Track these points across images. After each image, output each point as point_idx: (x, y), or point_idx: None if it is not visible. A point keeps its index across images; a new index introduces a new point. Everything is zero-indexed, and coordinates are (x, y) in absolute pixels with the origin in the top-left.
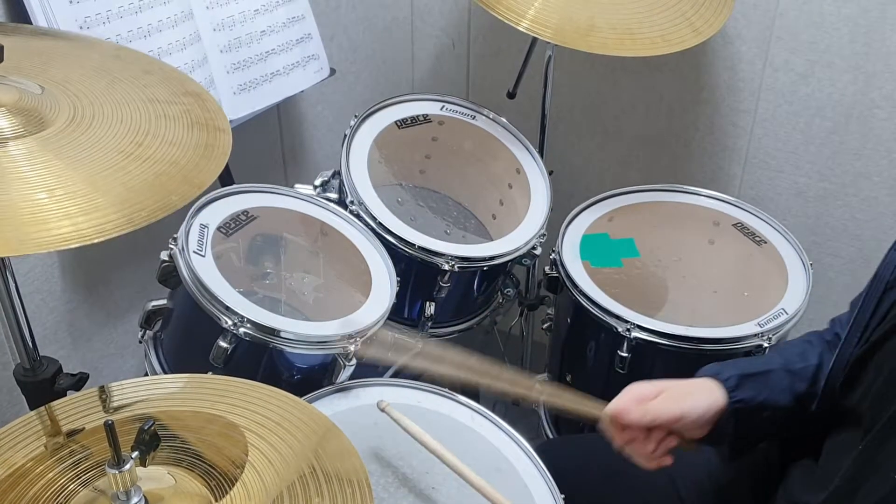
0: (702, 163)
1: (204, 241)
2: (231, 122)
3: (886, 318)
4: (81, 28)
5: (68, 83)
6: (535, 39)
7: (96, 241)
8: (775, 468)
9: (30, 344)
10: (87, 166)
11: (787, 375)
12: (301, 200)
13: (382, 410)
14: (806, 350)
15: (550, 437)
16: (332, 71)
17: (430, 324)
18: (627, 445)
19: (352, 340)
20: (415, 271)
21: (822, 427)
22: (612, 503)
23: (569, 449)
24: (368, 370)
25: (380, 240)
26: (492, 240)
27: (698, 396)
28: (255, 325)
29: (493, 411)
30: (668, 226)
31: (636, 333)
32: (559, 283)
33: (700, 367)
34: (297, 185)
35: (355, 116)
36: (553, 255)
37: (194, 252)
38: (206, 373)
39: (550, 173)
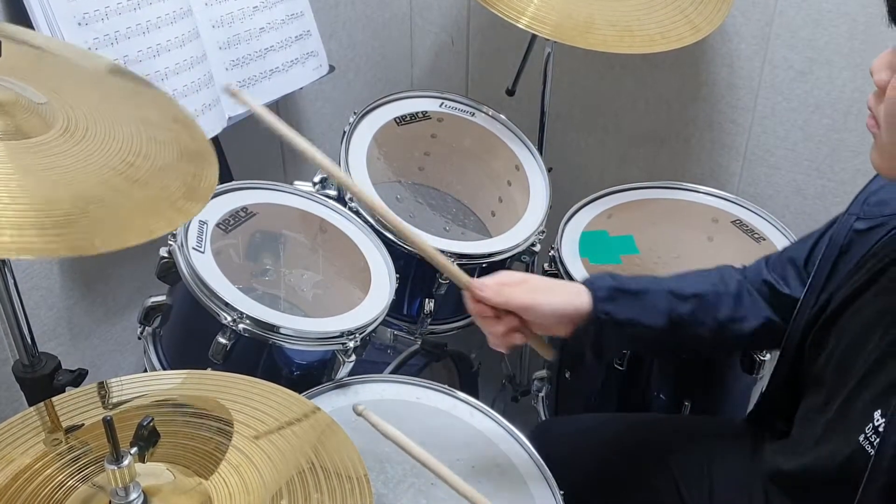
0: (700, 160)
1: (203, 237)
2: (230, 118)
3: (845, 285)
4: (80, 25)
5: (62, 92)
6: (534, 36)
7: (86, 253)
8: (762, 444)
9: (29, 340)
10: (79, 179)
11: (667, 297)
12: (300, 197)
13: (359, 415)
14: (701, 278)
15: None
16: (332, 68)
17: (429, 320)
18: (480, 318)
19: (351, 337)
20: (414, 268)
21: (794, 397)
22: (606, 484)
23: (562, 430)
24: (368, 367)
25: (379, 236)
26: (491, 237)
27: (556, 294)
28: (255, 322)
29: (491, 407)
30: (666, 223)
31: None
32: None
33: (698, 363)
34: (296, 182)
35: (354, 113)
36: (552, 252)
37: (193, 248)
38: (205, 369)
39: (549, 170)
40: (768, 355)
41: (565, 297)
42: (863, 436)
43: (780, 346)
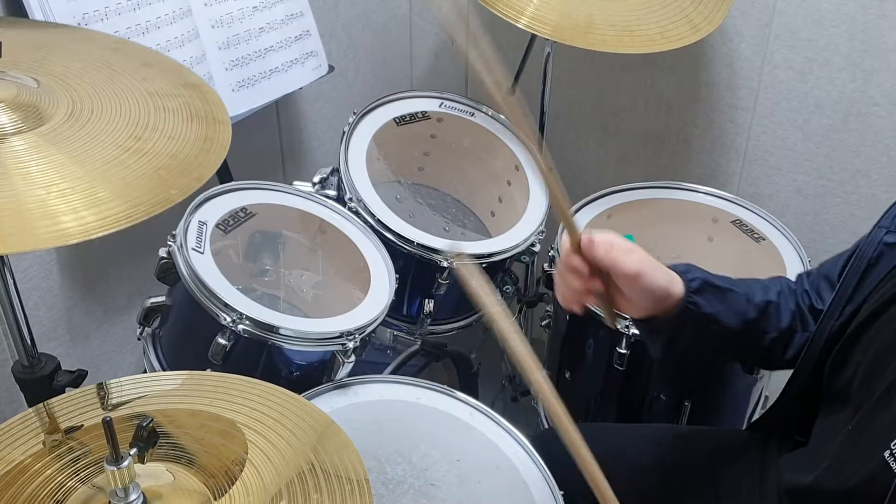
0: (700, 160)
1: (202, 237)
2: (230, 118)
3: (871, 298)
4: (80, 24)
5: (67, 77)
6: (533, 36)
7: (95, 236)
8: (769, 457)
9: (28, 341)
10: (86, 161)
11: (744, 301)
12: (300, 197)
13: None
14: (767, 286)
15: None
16: (331, 68)
17: (428, 321)
18: (569, 271)
19: (350, 337)
20: (413, 268)
21: (809, 412)
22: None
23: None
24: (367, 367)
25: (378, 237)
26: (490, 237)
27: (661, 272)
28: (254, 322)
29: (491, 408)
30: (666, 223)
31: (635, 330)
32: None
33: (698, 364)
34: (295, 182)
35: (354, 113)
36: (552, 252)
37: (193, 249)
38: (204, 370)
39: (549, 170)
40: None
41: (667, 278)
42: (888, 452)
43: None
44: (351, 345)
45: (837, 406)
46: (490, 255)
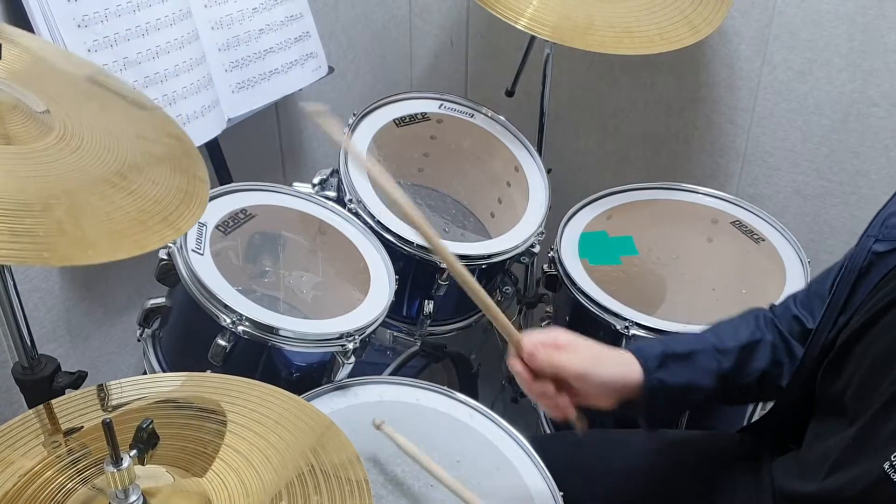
0: (700, 161)
1: (202, 239)
2: (229, 120)
3: (863, 308)
4: (80, 27)
5: (60, 99)
6: (533, 38)
7: (73, 263)
8: (760, 459)
9: (28, 342)
10: (73, 186)
11: (714, 355)
12: (299, 199)
13: (378, 428)
14: (739, 327)
15: (547, 433)
16: (331, 69)
17: (428, 322)
18: (522, 380)
19: (350, 338)
20: (413, 269)
21: (804, 415)
22: (606, 498)
23: (563, 443)
24: (367, 368)
25: (378, 238)
26: (490, 238)
27: (609, 364)
28: (254, 324)
29: (491, 409)
30: (666, 224)
31: (634, 331)
32: (558, 281)
33: None
34: (295, 184)
35: (354, 114)
36: (551, 253)
37: (193, 250)
38: (204, 371)
39: (549, 171)
40: None
41: (619, 368)
42: (888, 463)
43: None
44: (351, 346)
45: (831, 414)
46: (490, 256)
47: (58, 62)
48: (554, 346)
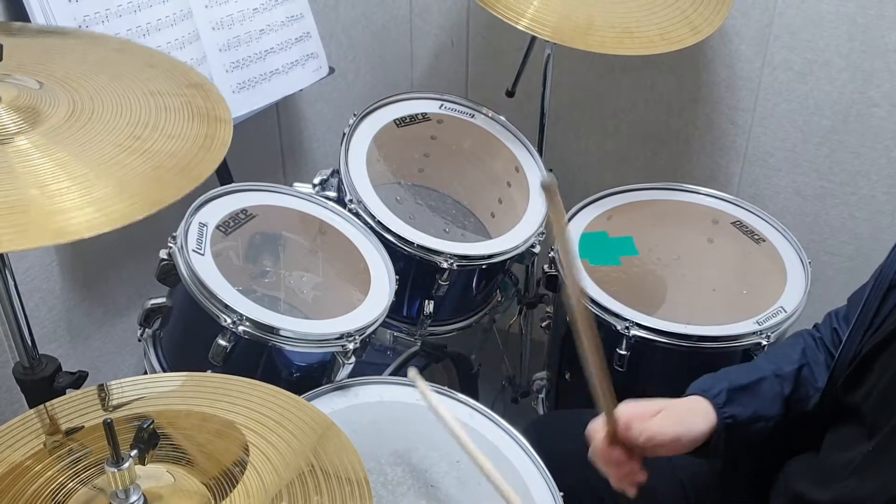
0: (700, 161)
1: (203, 239)
2: None
3: (890, 318)
4: (80, 26)
5: (69, 79)
6: (534, 38)
7: (91, 234)
8: (774, 458)
9: (29, 342)
10: (84, 160)
11: (776, 381)
12: (300, 199)
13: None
14: (790, 351)
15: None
16: (331, 69)
17: (428, 322)
18: (610, 464)
19: (350, 339)
20: (414, 270)
21: (820, 420)
22: (607, 484)
23: (561, 426)
24: (367, 368)
25: (379, 238)
26: (491, 238)
27: (696, 419)
28: (254, 324)
29: (491, 409)
30: (666, 224)
31: (635, 331)
32: (558, 282)
33: (698, 365)
34: (296, 184)
35: (354, 115)
36: (552, 253)
37: (193, 250)
38: (205, 371)
39: (549, 171)
40: None
41: (701, 419)
42: None
43: None
44: (351, 346)
45: (849, 420)
46: (490, 257)
47: (61, 44)
48: (639, 417)
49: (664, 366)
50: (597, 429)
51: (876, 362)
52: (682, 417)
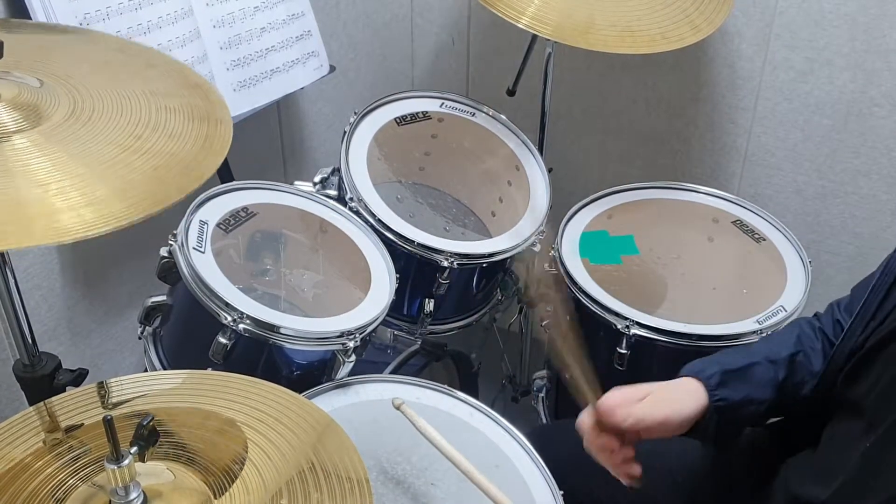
0: (701, 160)
1: (203, 237)
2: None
3: (892, 316)
4: (81, 25)
5: (70, 78)
6: (534, 37)
7: (92, 234)
8: (772, 457)
9: (29, 340)
10: (85, 159)
11: (769, 367)
12: (301, 197)
13: (398, 409)
14: (786, 338)
15: (545, 423)
16: (332, 68)
17: (429, 320)
18: (602, 452)
19: (351, 337)
20: (414, 268)
21: (819, 416)
22: (607, 490)
23: (562, 434)
24: (368, 367)
25: (379, 237)
26: (491, 237)
27: (684, 400)
28: (255, 322)
29: (491, 407)
30: (667, 223)
31: (635, 330)
32: (558, 281)
33: None
34: (296, 182)
35: (355, 113)
36: (552, 252)
37: (194, 248)
38: (205, 369)
39: (550, 170)
40: None
41: (692, 401)
42: None
43: None
44: (351, 344)
45: (849, 416)
46: (491, 255)
47: (62, 42)
48: (624, 403)
49: (664, 365)
50: (584, 419)
51: (879, 357)
52: (670, 399)
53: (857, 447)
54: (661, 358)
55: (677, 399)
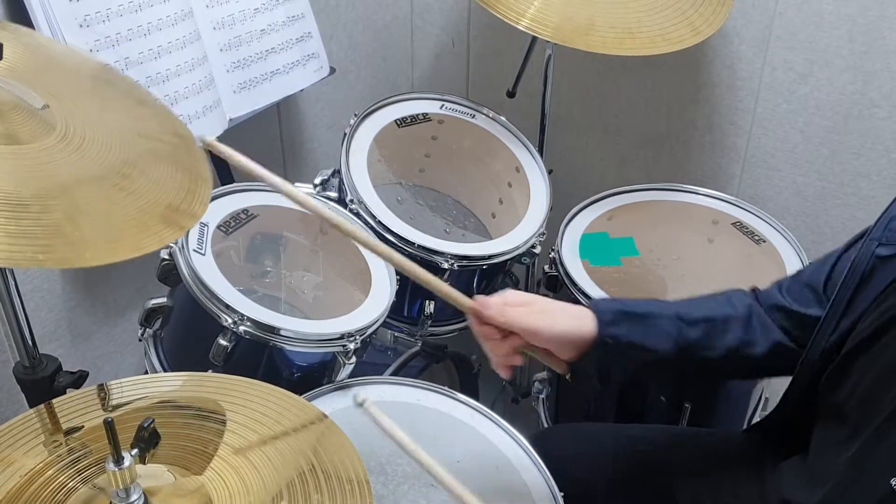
0: (701, 162)
1: (204, 239)
2: (231, 120)
3: (868, 315)
4: (81, 27)
5: (63, 98)
6: (534, 38)
7: (76, 265)
8: (764, 462)
9: (29, 342)
10: (73, 186)
11: (675, 322)
12: None
13: (360, 405)
14: (709, 302)
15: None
16: (332, 70)
17: (429, 322)
18: (484, 340)
19: (351, 339)
20: None
21: (807, 421)
22: (607, 493)
23: (564, 438)
24: (368, 368)
25: (379, 238)
26: (491, 238)
27: (559, 318)
28: (255, 324)
29: (492, 409)
30: (667, 225)
31: None
32: (558, 282)
33: None
34: (296, 184)
35: (355, 115)
36: (552, 253)
37: (194, 250)
38: (205, 371)
39: (550, 172)
40: None
41: (570, 321)
42: (895, 479)
43: (793, 371)
44: (352, 346)
45: (834, 422)
46: (491, 257)
47: (60, 59)
48: (506, 304)
49: (664, 367)
50: (471, 305)
51: (857, 362)
52: (546, 313)
53: (843, 453)
54: None
55: (553, 317)
